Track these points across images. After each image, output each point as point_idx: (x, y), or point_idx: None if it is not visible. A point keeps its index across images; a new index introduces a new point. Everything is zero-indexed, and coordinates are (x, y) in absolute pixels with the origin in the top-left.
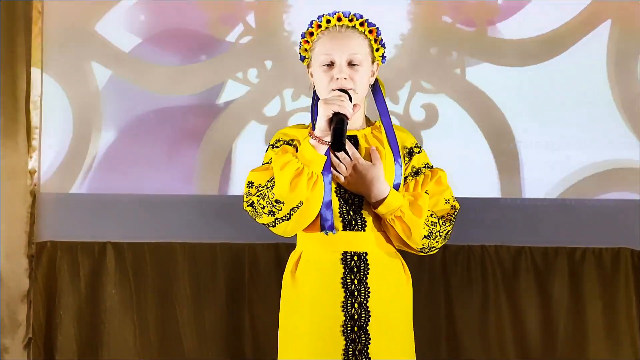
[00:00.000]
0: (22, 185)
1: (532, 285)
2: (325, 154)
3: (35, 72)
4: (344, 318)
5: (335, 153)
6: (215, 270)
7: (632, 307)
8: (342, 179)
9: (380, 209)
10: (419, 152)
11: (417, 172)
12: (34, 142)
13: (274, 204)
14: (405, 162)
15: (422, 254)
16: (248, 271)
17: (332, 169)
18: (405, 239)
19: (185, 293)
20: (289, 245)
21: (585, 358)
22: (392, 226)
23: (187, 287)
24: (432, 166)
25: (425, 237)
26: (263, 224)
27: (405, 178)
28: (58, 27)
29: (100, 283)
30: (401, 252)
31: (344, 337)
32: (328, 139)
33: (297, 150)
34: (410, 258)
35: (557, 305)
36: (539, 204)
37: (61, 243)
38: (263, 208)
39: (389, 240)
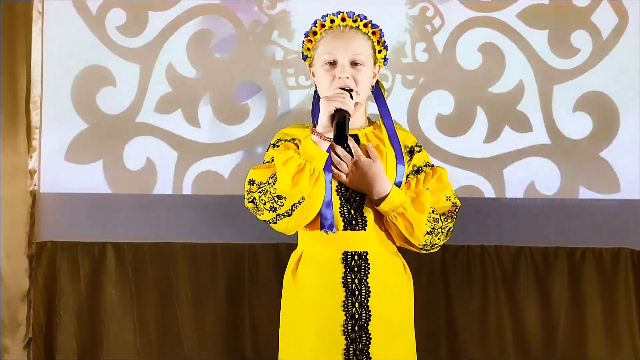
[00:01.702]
0: (22, 186)
1: (532, 285)
2: (326, 151)
3: (35, 72)
4: (345, 317)
5: (336, 151)
6: (215, 270)
7: (632, 307)
8: (343, 177)
9: (383, 206)
10: (419, 151)
11: (418, 171)
12: (34, 142)
13: (276, 199)
14: (407, 159)
15: (424, 251)
16: (248, 271)
17: (332, 167)
18: (407, 235)
19: (185, 293)
20: (289, 245)
21: (585, 358)
22: (394, 223)
23: (187, 287)
24: (433, 164)
25: (427, 233)
26: (264, 220)
27: (407, 176)
28: (58, 27)
29: (100, 283)
30: (401, 251)
31: (344, 336)
32: (330, 135)
33: (298, 149)
34: (410, 258)
35: (557, 305)
36: (538, 204)
37: (61, 243)
38: (265, 204)
39: (390, 240)
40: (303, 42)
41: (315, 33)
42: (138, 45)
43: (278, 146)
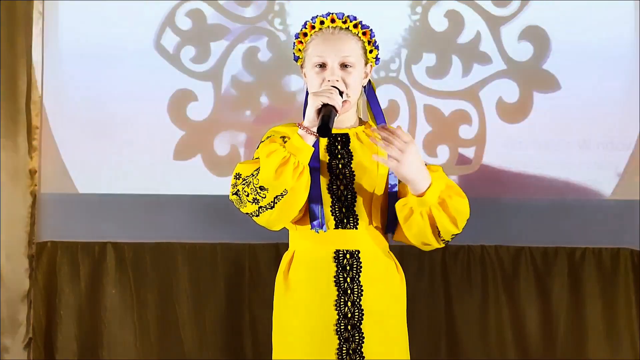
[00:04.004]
0: (23, 186)
1: (532, 285)
2: (312, 146)
3: (35, 72)
4: (337, 317)
5: (381, 134)
6: (215, 270)
7: (632, 307)
8: (393, 163)
9: (429, 196)
10: None
11: None
12: (35, 142)
13: (258, 190)
14: None
15: (443, 244)
16: (248, 271)
17: (376, 157)
18: (450, 226)
19: (185, 293)
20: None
21: (585, 358)
22: (431, 216)
23: (187, 287)
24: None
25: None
26: (247, 213)
27: None
28: (58, 27)
29: (100, 283)
30: (398, 252)
31: (337, 336)
32: (316, 129)
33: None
34: (410, 258)
35: (557, 305)
36: (539, 204)
37: (61, 243)
38: (247, 196)
39: (382, 238)
40: (294, 43)
41: (305, 34)
42: (206, 68)
43: None
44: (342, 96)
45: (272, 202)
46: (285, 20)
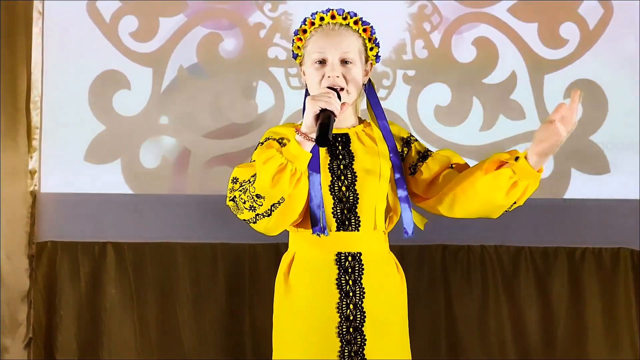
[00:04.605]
0: (23, 186)
1: (531, 285)
2: (310, 152)
3: (35, 72)
4: (339, 319)
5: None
6: (215, 270)
7: (631, 307)
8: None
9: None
10: (416, 140)
11: (424, 156)
12: (34, 142)
13: (255, 198)
14: (406, 151)
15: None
16: (248, 271)
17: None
18: (523, 200)
19: (185, 293)
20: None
21: (585, 358)
22: (525, 189)
23: (187, 287)
24: (427, 150)
25: None
26: (244, 220)
27: (415, 165)
28: (58, 27)
29: (100, 283)
30: (398, 251)
31: (339, 338)
32: (314, 135)
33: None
34: (410, 258)
35: (556, 305)
36: (539, 204)
37: (61, 243)
38: (244, 203)
39: (382, 239)
40: (293, 40)
41: (305, 31)
42: (148, 50)
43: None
44: (340, 95)
45: (269, 209)
46: (278, 6)
